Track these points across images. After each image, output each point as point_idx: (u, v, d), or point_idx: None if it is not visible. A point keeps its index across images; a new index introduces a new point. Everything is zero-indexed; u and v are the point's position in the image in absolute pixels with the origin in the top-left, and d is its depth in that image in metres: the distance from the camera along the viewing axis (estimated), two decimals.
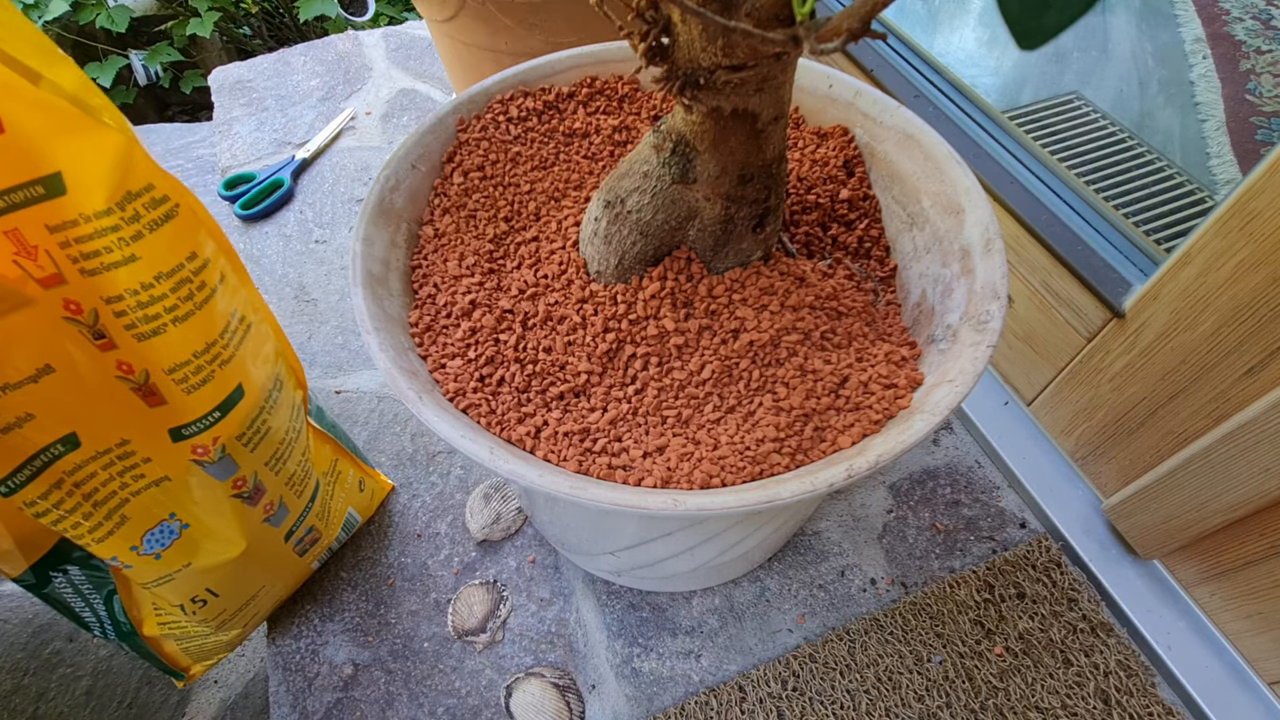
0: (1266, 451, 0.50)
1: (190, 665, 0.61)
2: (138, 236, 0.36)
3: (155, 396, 0.40)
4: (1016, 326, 0.73)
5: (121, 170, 0.34)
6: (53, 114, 0.32)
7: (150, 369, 0.39)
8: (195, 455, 0.44)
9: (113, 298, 0.36)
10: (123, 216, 0.35)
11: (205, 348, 0.41)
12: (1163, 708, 0.59)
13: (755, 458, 0.40)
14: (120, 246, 0.35)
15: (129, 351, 0.38)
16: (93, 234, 0.34)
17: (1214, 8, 1.12)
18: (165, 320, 0.38)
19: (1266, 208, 0.48)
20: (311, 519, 0.60)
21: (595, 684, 0.62)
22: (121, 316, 0.37)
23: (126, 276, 0.36)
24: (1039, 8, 0.19)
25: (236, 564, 0.52)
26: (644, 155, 0.43)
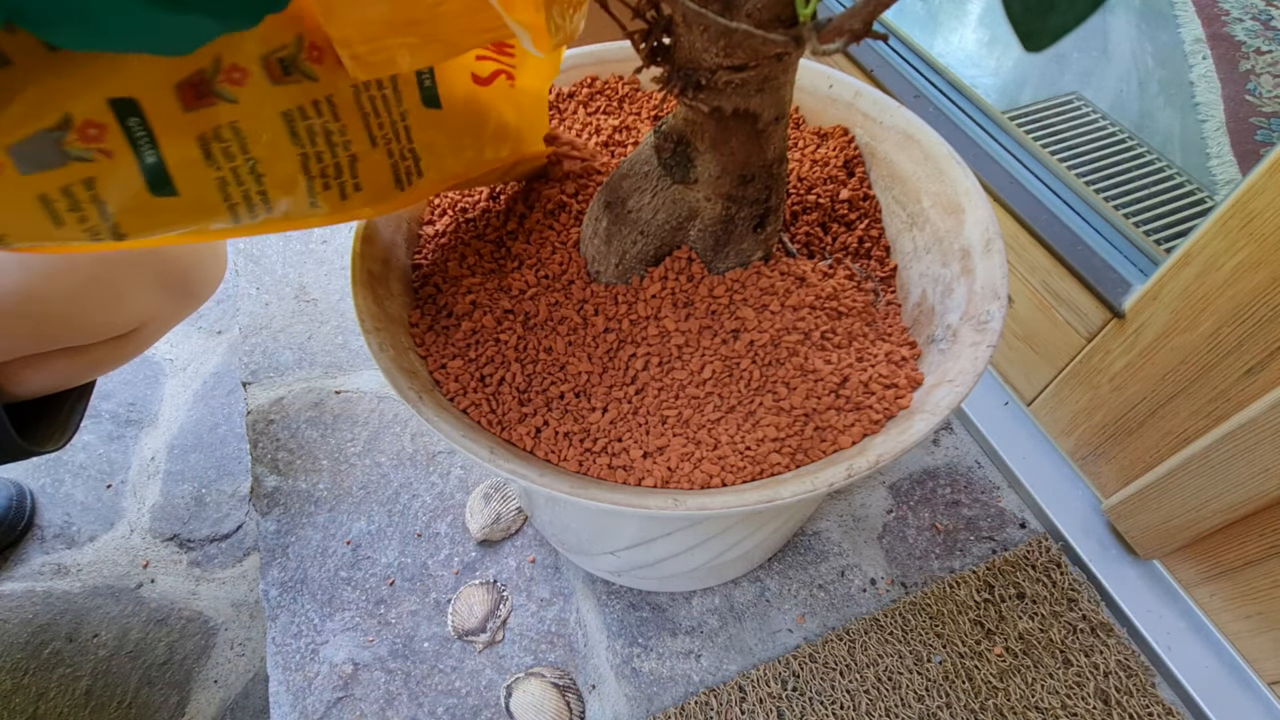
0: (1266, 451, 0.50)
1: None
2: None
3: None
4: (1016, 326, 0.73)
5: None
6: None
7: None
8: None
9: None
10: None
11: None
12: (1163, 708, 0.59)
13: (755, 458, 0.40)
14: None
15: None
16: None
17: (1214, 8, 1.12)
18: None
19: (1266, 208, 0.48)
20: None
21: (595, 684, 0.62)
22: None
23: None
24: (1043, 10, 0.19)
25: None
26: (644, 155, 0.43)
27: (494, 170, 0.47)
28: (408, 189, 0.43)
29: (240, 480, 0.96)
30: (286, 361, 0.85)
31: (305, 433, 0.79)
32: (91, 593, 0.89)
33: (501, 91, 0.44)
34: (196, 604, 0.87)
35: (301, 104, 0.36)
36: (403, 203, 0.44)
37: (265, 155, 0.37)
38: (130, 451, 0.99)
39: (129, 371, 1.06)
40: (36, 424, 0.61)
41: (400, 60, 0.35)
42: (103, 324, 0.57)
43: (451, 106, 0.42)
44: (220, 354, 1.08)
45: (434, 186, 0.45)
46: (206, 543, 0.92)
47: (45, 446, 0.61)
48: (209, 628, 0.86)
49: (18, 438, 0.57)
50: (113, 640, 0.86)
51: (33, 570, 0.90)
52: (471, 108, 0.43)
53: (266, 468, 0.76)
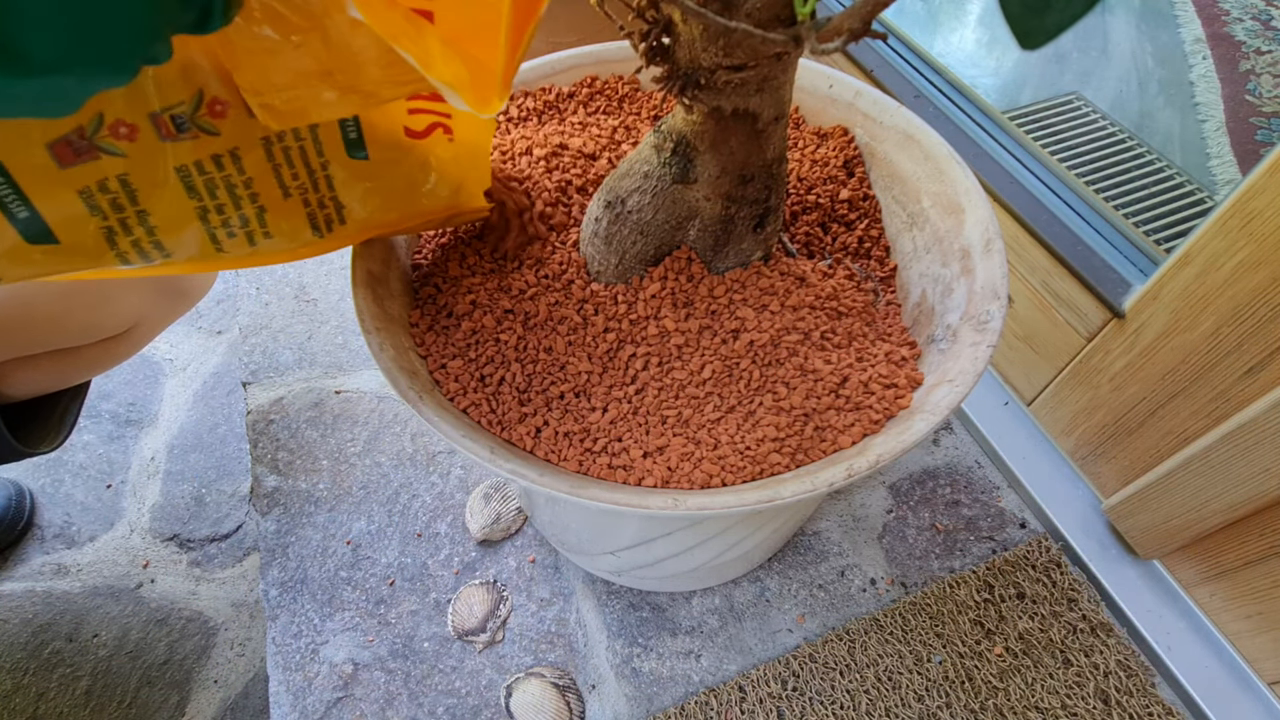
0: (1266, 451, 0.50)
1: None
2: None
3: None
4: (1016, 326, 0.73)
5: None
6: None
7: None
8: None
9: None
10: None
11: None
12: (1163, 708, 0.59)
13: (755, 457, 0.40)
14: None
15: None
16: None
17: (1214, 8, 1.12)
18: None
19: (1266, 208, 0.48)
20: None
21: (595, 684, 0.62)
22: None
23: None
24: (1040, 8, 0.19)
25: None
26: (644, 155, 0.43)
27: (429, 221, 0.45)
28: (327, 236, 0.42)
29: (240, 480, 0.96)
30: (286, 361, 0.85)
31: (305, 433, 0.79)
32: (91, 593, 0.89)
33: (439, 144, 0.42)
34: (196, 604, 0.87)
35: (199, 159, 0.35)
36: (323, 249, 0.42)
37: (158, 208, 0.35)
38: (130, 451, 0.99)
39: (129, 371, 1.06)
40: (30, 425, 0.61)
41: (314, 111, 0.33)
42: (92, 325, 0.57)
43: (381, 157, 0.40)
44: (220, 354, 1.08)
45: (360, 233, 0.43)
46: (206, 543, 0.92)
47: (39, 448, 0.61)
48: (209, 628, 0.86)
49: (11, 439, 0.57)
50: (113, 640, 0.86)
51: (33, 570, 0.90)
52: (403, 160, 0.41)
53: (266, 468, 0.76)
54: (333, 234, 0.42)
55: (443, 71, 0.29)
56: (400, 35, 0.28)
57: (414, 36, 0.29)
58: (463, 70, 0.30)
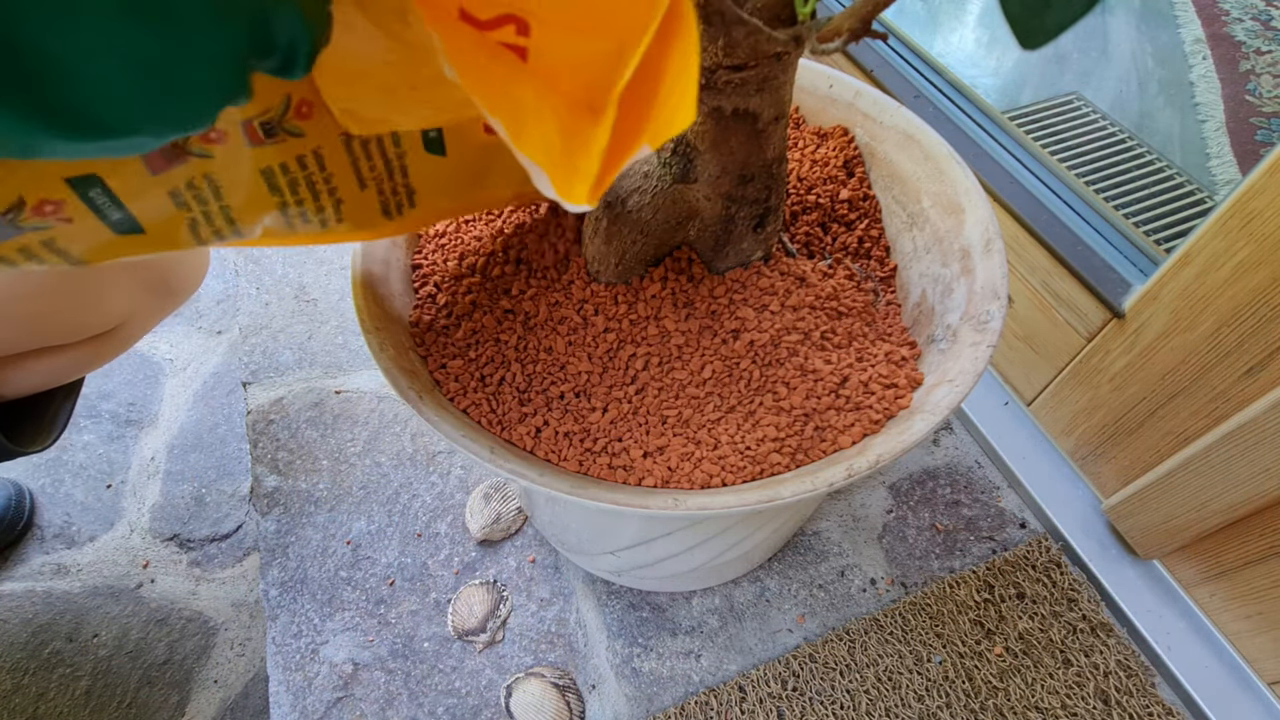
0: (1266, 451, 0.50)
1: None
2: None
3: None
4: (1016, 326, 0.73)
5: None
6: None
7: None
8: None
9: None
10: None
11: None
12: (1163, 708, 0.59)
13: (755, 457, 0.40)
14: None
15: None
16: None
17: (1214, 8, 1.12)
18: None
19: (1266, 208, 0.48)
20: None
21: (595, 684, 0.62)
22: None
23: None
24: (1040, 8, 0.19)
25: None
26: (644, 155, 0.43)
27: (496, 204, 0.46)
28: (397, 219, 0.42)
29: (240, 480, 0.96)
30: (286, 361, 0.85)
31: (305, 433, 0.79)
32: (91, 593, 0.89)
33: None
34: (196, 604, 0.87)
35: (284, 160, 0.35)
36: (390, 231, 0.43)
37: (240, 202, 0.36)
38: (130, 451, 0.99)
39: (129, 371, 1.06)
40: (22, 424, 0.61)
41: (398, 122, 0.34)
42: (81, 323, 0.57)
43: (457, 155, 0.41)
44: (220, 354, 1.08)
45: (427, 218, 0.44)
46: (206, 543, 0.92)
47: (31, 447, 0.60)
48: (209, 628, 0.86)
49: (3, 438, 0.57)
50: (113, 640, 0.86)
51: (33, 570, 0.90)
52: (478, 156, 0.42)
53: (266, 468, 0.76)
54: (402, 216, 0.42)
55: (533, 142, 0.27)
56: (495, 100, 0.26)
57: (508, 97, 0.27)
58: (555, 140, 0.27)
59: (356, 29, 0.29)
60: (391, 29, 0.29)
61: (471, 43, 0.27)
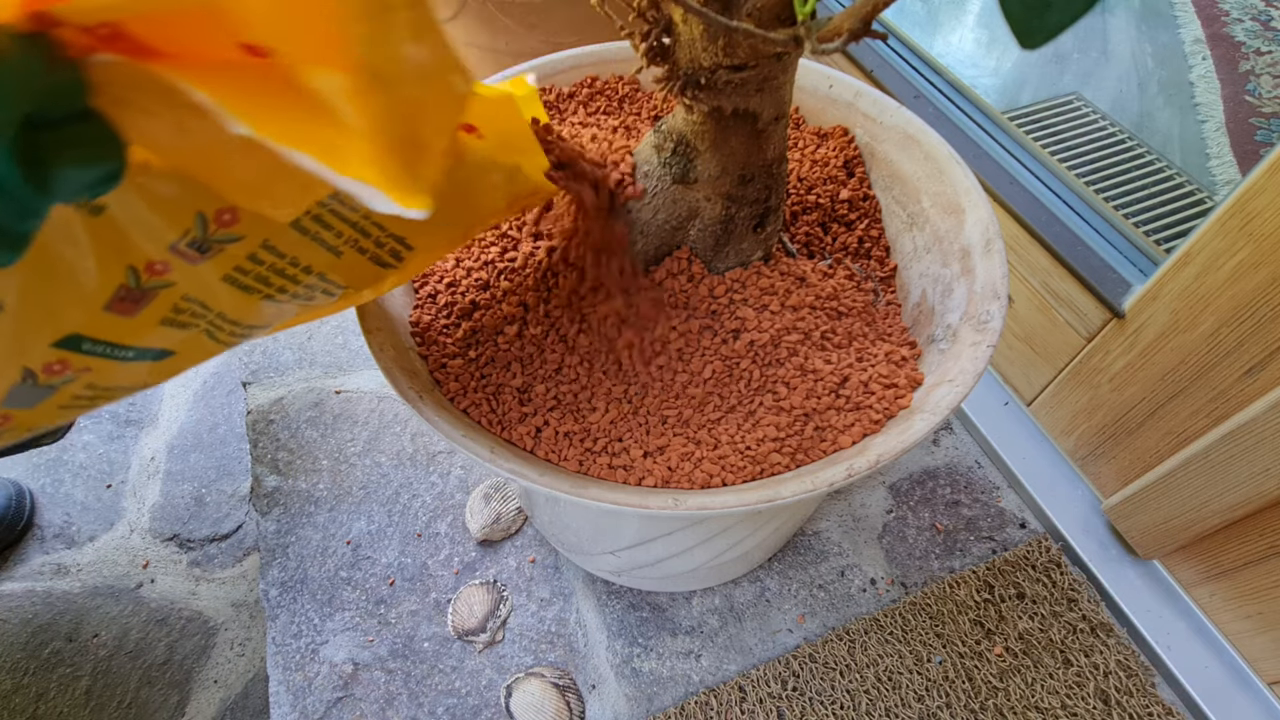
0: (1266, 452, 0.50)
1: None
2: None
3: (132, 306, 0.31)
4: (1016, 326, 0.73)
5: None
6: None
7: (184, 288, 0.31)
8: (42, 369, 0.31)
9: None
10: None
11: (241, 323, 0.34)
12: (1163, 708, 0.59)
13: (756, 457, 0.40)
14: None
15: (198, 272, 0.31)
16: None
17: (1213, 9, 1.12)
18: (261, 291, 0.33)
19: (1266, 208, 0.48)
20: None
21: (595, 684, 0.62)
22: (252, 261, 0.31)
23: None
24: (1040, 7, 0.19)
25: None
26: (645, 155, 0.43)
27: (500, 213, 0.43)
28: (401, 265, 0.40)
29: (240, 480, 0.96)
30: (286, 361, 0.85)
31: (305, 433, 0.79)
32: (91, 593, 0.89)
33: (472, 147, 0.38)
34: (196, 604, 0.87)
35: (238, 264, 0.33)
36: (408, 273, 0.41)
37: (231, 309, 0.34)
38: (130, 451, 0.99)
39: None
40: None
41: (301, 198, 0.30)
42: None
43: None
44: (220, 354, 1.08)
45: (435, 252, 0.42)
46: (206, 543, 0.92)
47: (40, 441, 0.60)
48: (209, 628, 0.86)
49: None
50: (113, 640, 0.86)
51: (33, 570, 0.90)
52: (447, 179, 0.38)
53: (266, 468, 0.76)
54: (404, 262, 0.40)
55: (360, 168, 0.24)
56: (301, 137, 0.24)
57: (313, 132, 0.24)
58: (384, 157, 0.25)
59: (158, 131, 0.25)
60: (182, 120, 0.25)
61: (259, 82, 0.24)
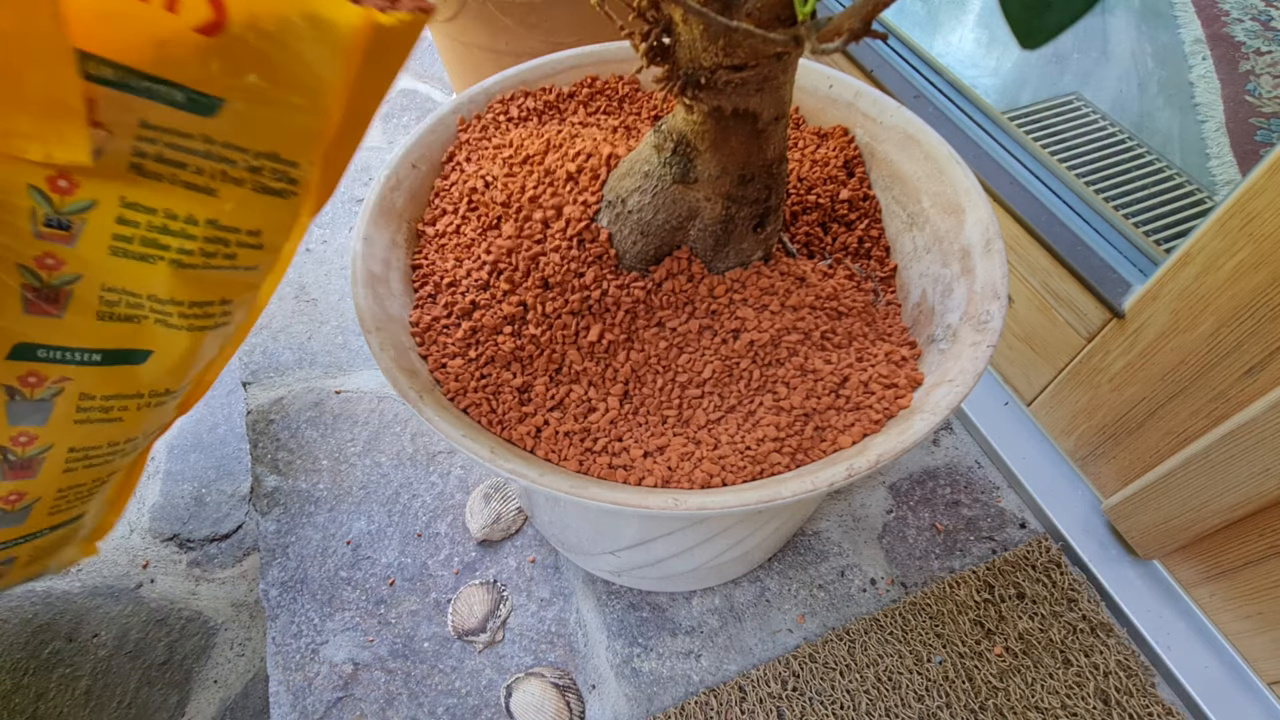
0: (1266, 452, 0.50)
1: None
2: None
3: (52, 305, 0.30)
4: (1016, 327, 0.73)
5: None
6: None
7: (87, 275, 0.29)
8: (18, 382, 0.32)
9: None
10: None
11: (171, 300, 0.32)
12: (1162, 708, 0.59)
13: (755, 457, 0.40)
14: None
15: (81, 252, 0.28)
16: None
17: (1213, 9, 1.12)
18: (163, 256, 0.30)
19: (1266, 208, 0.48)
20: (27, 550, 0.43)
21: (595, 684, 0.62)
22: (125, 225, 0.28)
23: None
24: (1040, 7, 0.19)
25: None
26: (645, 155, 0.43)
27: (370, 96, 0.33)
28: (303, 191, 0.34)
29: (240, 480, 0.96)
30: (286, 361, 0.85)
31: (305, 433, 0.79)
32: (91, 593, 0.88)
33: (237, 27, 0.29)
34: (196, 604, 0.87)
35: (114, 232, 0.30)
36: (317, 205, 0.36)
37: (156, 288, 0.32)
38: None
39: None
40: None
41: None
42: None
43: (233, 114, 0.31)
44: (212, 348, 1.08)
45: (333, 168, 0.35)
46: (206, 543, 0.91)
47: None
48: (209, 628, 0.86)
49: None
50: (113, 640, 0.86)
51: None
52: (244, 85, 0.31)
53: (266, 468, 0.76)
54: (304, 185, 0.35)
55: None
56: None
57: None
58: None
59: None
60: None
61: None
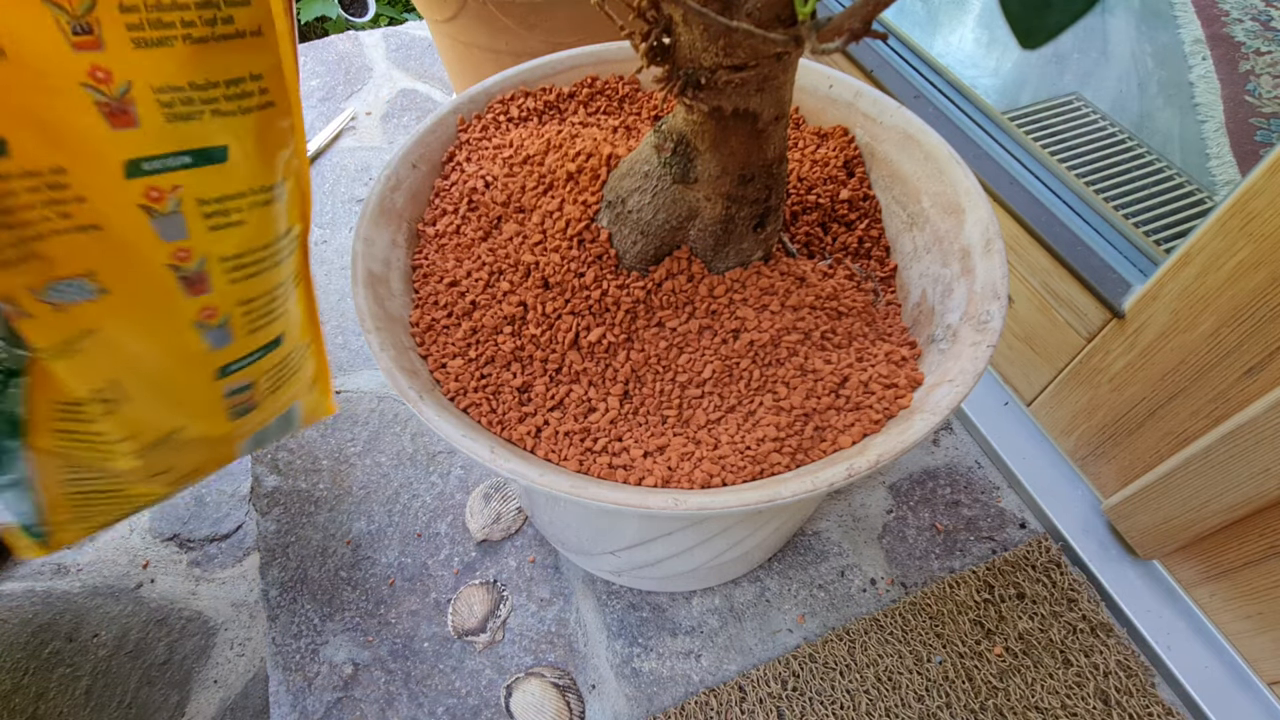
0: (1266, 452, 0.50)
1: (62, 522, 0.49)
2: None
3: (125, 116, 0.33)
4: (1016, 327, 0.73)
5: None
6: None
7: (134, 79, 0.32)
8: (147, 199, 0.36)
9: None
10: None
11: (208, 83, 0.35)
12: (1162, 708, 0.59)
13: (756, 457, 0.40)
14: None
15: (115, 54, 0.32)
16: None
17: (1213, 9, 1.12)
18: (176, 34, 0.33)
19: (1266, 208, 0.48)
20: (257, 374, 0.48)
21: (595, 684, 0.62)
22: (129, 12, 0.31)
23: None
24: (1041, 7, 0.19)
25: (154, 363, 0.42)
26: (645, 155, 0.43)
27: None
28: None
29: (240, 480, 0.96)
30: None
31: (305, 432, 0.79)
32: (91, 592, 0.89)
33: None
34: (196, 604, 0.87)
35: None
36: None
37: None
38: None
39: None
40: None
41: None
42: None
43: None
44: None
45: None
46: (206, 543, 0.91)
47: None
48: (209, 628, 0.86)
49: None
50: (113, 640, 0.86)
51: (33, 570, 0.90)
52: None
53: (266, 468, 0.76)
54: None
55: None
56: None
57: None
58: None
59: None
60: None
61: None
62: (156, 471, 0.50)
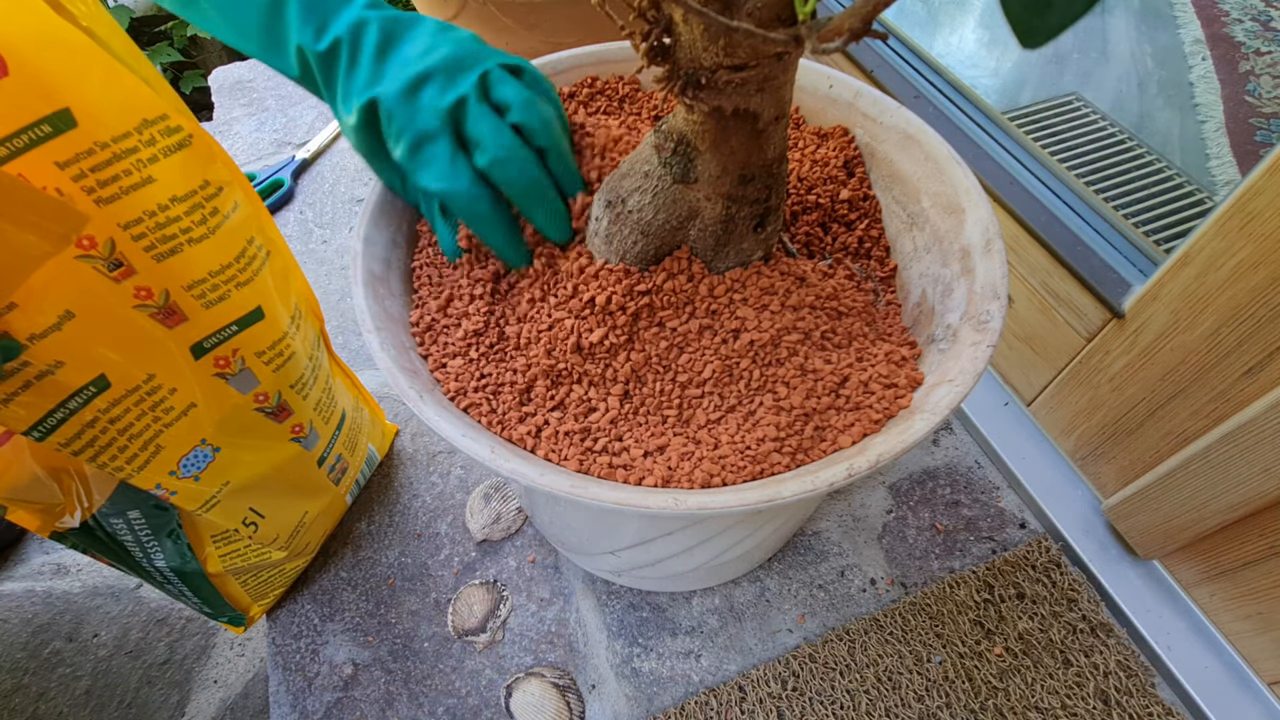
0: (1266, 452, 0.50)
1: (250, 606, 0.63)
2: (154, 160, 0.37)
3: (176, 316, 0.41)
4: (1016, 327, 0.73)
5: (137, 98, 0.36)
6: (63, 47, 0.33)
7: (170, 288, 0.40)
8: (217, 368, 0.45)
9: (130, 222, 0.37)
10: (140, 140, 0.36)
11: (221, 268, 0.42)
12: (1162, 708, 0.59)
13: (756, 457, 0.40)
14: (138, 169, 0.37)
15: (147, 274, 0.39)
16: (110, 159, 0.35)
17: (1213, 9, 1.12)
18: (182, 240, 0.40)
19: (1266, 208, 0.48)
20: (339, 447, 0.62)
21: (595, 684, 0.62)
22: (140, 239, 0.38)
23: (144, 198, 0.37)
24: (1040, 7, 0.19)
25: (273, 480, 0.53)
26: (645, 155, 0.43)
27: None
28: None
29: None
30: None
31: None
32: (91, 592, 0.89)
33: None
34: None
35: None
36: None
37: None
38: None
39: None
40: None
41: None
42: None
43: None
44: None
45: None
46: None
47: None
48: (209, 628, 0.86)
49: None
50: (113, 640, 0.86)
51: (33, 570, 0.90)
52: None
53: None
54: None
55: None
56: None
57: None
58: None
59: None
60: None
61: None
62: (299, 550, 0.64)
